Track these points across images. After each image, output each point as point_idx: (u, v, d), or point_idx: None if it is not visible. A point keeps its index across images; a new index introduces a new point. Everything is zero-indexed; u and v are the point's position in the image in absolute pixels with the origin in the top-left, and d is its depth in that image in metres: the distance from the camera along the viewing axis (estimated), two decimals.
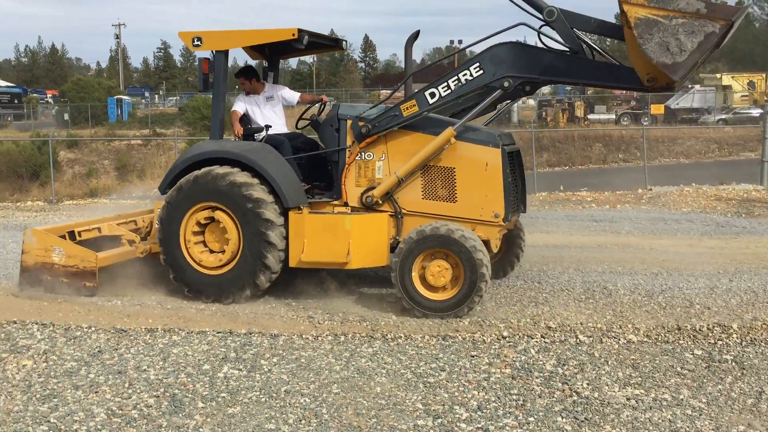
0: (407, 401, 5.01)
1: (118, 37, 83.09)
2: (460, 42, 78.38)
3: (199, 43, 7.76)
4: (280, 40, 7.70)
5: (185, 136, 31.23)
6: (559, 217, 13.58)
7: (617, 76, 6.95)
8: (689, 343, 6.19)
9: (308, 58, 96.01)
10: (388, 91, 8.35)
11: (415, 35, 7.83)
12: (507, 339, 6.28)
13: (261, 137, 8.03)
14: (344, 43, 8.89)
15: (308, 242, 7.27)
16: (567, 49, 7.02)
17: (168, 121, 44.21)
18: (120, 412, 4.83)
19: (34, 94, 66.18)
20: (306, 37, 7.53)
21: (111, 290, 7.87)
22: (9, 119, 49.38)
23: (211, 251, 7.61)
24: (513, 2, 7.14)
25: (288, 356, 5.91)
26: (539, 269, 9.02)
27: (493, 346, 6.11)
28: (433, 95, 7.19)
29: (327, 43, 8.88)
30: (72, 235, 8.16)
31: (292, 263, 7.40)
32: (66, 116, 43.41)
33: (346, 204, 7.57)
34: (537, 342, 6.21)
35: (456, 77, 7.12)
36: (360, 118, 7.49)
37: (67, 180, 23.45)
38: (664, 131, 30.72)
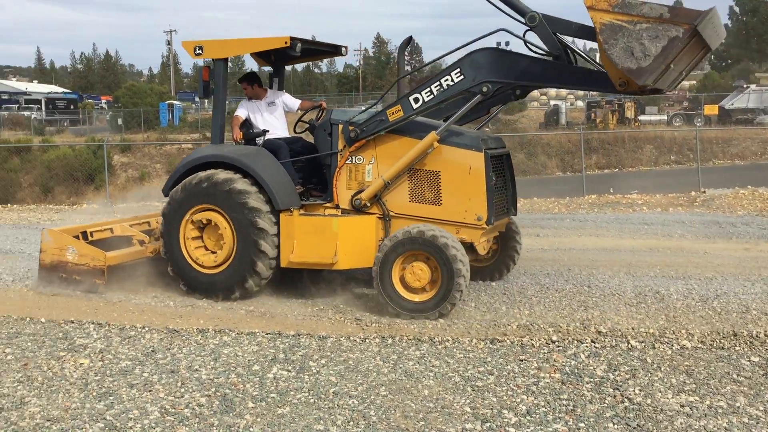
0: (455, 404, 4.99)
1: (169, 43, 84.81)
2: (507, 44, 77.90)
3: (200, 51, 8.10)
4: (277, 48, 7.91)
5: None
6: (608, 220, 13.36)
7: (591, 80, 6.97)
8: (746, 349, 6.02)
9: (354, 62, 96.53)
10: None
11: (408, 41, 8.01)
12: (556, 343, 6.21)
13: (261, 141, 8.27)
14: (343, 48, 9.12)
15: (297, 243, 7.53)
16: (547, 53, 7.07)
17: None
18: (173, 410, 4.93)
19: (89, 100, 68.11)
20: (299, 44, 7.75)
21: (164, 292, 8.08)
22: (65, 124, 50.91)
23: (207, 250, 7.91)
24: (497, 7, 7.19)
25: (336, 358, 5.95)
26: (588, 273, 8.89)
27: (542, 351, 6.05)
28: (416, 100, 7.31)
29: (325, 50, 9.14)
30: (85, 235, 8.64)
31: (283, 263, 7.64)
32: (119, 121, 44.53)
33: (337, 206, 7.78)
34: (587, 347, 6.12)
35: (438, 83, 7.23)
36: (350, 122, 7.67)
37: (121, 183, 24.04)
38: (718, 132, 29.91)
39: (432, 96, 7.26)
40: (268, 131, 8.30)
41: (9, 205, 19.70)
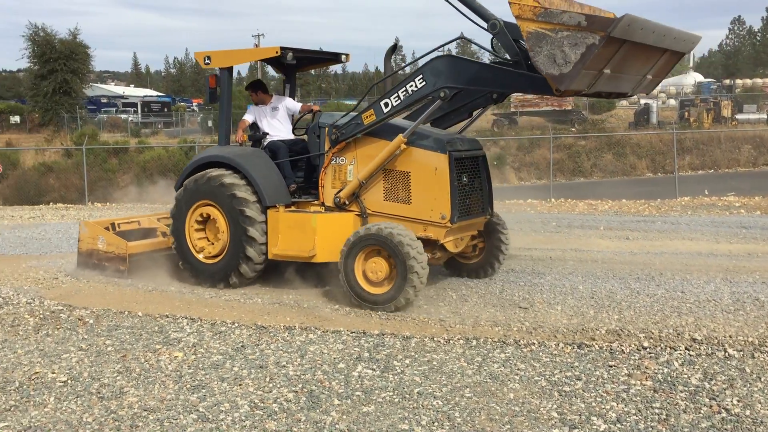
0: (542, 409, 4.90)
1: (257, 46, 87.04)
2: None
3: (209, 61, 8.91)
4: (269, 57, 8.67)
5: None
6: (703, 223, 12.84)
7: (534, 84, 7.03)
8: None
9: None
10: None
11: (393, 47, 8.47)
12: (647, 350, 6.01)
13: (267, 142, 8.97)
14: (344, 56, 9.54)
15: (281, 237, 8.21)
16: (509, 58, 7.35)
17: (304, 125, 45.74)
18: (262, 404, 5.05)
19: (182, 103, 70.75)
20: (290, 54, 8.39)
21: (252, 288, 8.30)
22: (159, 126, 53.09)
23: (209, 242, 8.67)
24: (462, 13, 7.46)
25: (420, 358, 5.95)
26: (682, 278, 8.56)
27: (633, 357, 5.87)
28: (386, 105, 7.73)
29: (324, 57, 9.79)
30: (113, 227, 9.75)
31: (270, 255, 8.29)
32: (210, 123, 46.01)
33: (323, 204, 8.35)
34: (681, 354, 5.89)
35: (405, 88, 7.58)
36: (333, 126, 8.18)
37: None
38: None
39: (399, 101, 7.63)
40: (268, 133, 9.01)
41: (107, 203, 20.70)
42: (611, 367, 5.66)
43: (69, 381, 5.56)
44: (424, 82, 7.46)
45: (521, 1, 6.45)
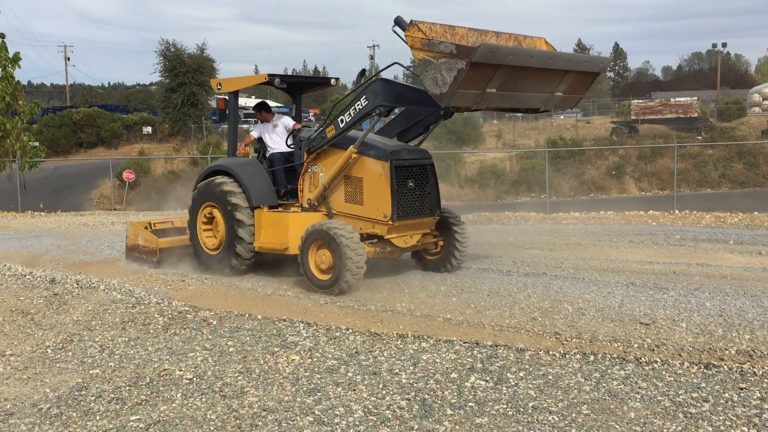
0: (665, 430, 4.68)
1: (372, 57, 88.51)
2: (724, 45, 71.91)
3: (220, 86, 10.74)
4: (258, 83, 10.42)
5: (432, 149, 32.33)
6: None
7: (436, 102, 7.80)
8: None
9: None
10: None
11: (361, 73, 9.45)
12: None
13: (269, 154, 10.56)
14: (333, 80, 10.95)
15: (263, 232, 9.80)
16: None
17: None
18: (375, 411, 5.11)
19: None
20: (277, 79, 10.01)
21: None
22: None
23: (214, 237, 10.26)
24: (399, 37, 8.11)
25: (535, 372, 5.83)
26: None
27: (766, 380, 5.49)
28: (342, 121, 9.19)
29: (315, 82, 11.76)
30: (150, 226, 11.49)
31: (255, 248, 9.86)
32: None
33: (302, 206, 9.87)
34: None
35: (354, 106, 9.00)
36: (307, 139, 9.75)
37: None
38: None
39: (351, 117, 9.06)
40: (270, 147, 10.61)
41: None
42: (742, 389, 5.32)
43: (194, 379, 5.85)
44: (366, 101, 8.85)
45: (413, 33, 7.70)
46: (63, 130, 48.61)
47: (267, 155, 10.58)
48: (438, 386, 5.55)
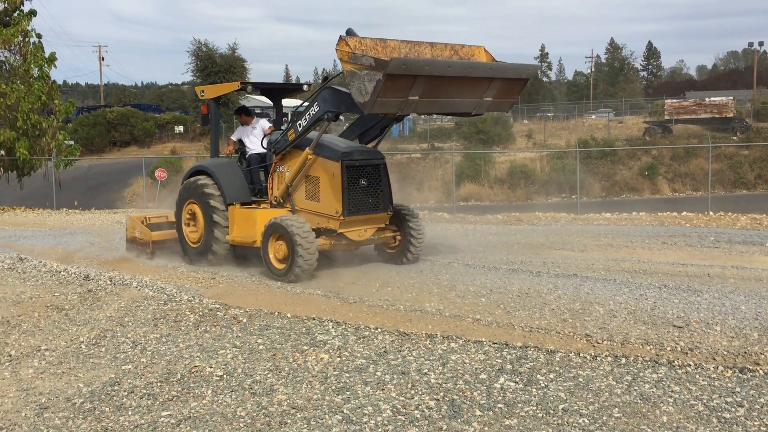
0: None
1: None
2: (761, 44, 70.59)
3: (203, 93, 11.62)
4: (233, 90, 11.22)
5: (461, 149, 32.24)
6: None
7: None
8: None
9: (585, 69, 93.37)
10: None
11: (325, 79, 9.79)
12: None
13: (247, 155, 11.34)
14: (305, 86, 11.79)
15: (236, 227, 10.64)
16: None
17: (445, 135, 46.01)
18: (404, 410, 5.11)
19: None
20: (249, 86, 11.05)
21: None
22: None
23: (195, 231, 11.05)
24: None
25: (565, 374, 5.78)
26: None
27: None
28: (300, 125, 9.98)
29: (288, 88, 12.48)
30: (146, 220, 12.27)
31: (229, 241, 10.67)
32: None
33: (271, 203, 10.59)
34: None
35: (309, 112, 9.77)
36: (274, 141, 10.54)
37: None
38: None
39: (306, 121, 9.83)
40: (244, 148, 11.43)
41: None
42: None
43: (225, 376, 5.91)
44: (318, 108, 9.61)
45: (341, 48, 8.39)
46: (97, 129, 49.45)
47: (246, 156, 11.38)
48: (467, 387, 5.53)
